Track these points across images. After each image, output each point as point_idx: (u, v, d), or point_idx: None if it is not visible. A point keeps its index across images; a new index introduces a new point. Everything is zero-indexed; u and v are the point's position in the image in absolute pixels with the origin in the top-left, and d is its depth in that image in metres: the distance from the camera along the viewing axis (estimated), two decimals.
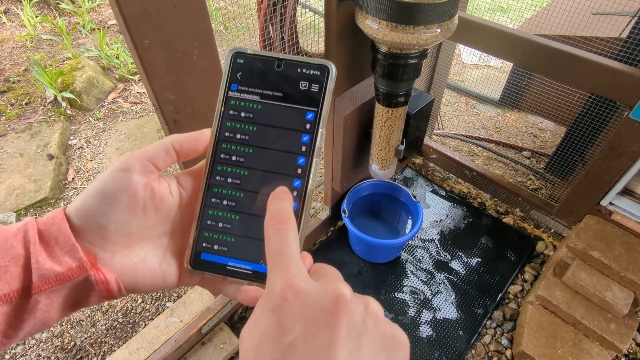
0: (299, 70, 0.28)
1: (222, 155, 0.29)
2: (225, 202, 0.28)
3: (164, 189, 0.28)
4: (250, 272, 0.28)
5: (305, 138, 0.28)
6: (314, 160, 0.27)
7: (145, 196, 0.26)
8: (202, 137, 0.28)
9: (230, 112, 0.28)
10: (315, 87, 0.28)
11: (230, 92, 0.29)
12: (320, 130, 0.28)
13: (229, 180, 0.28)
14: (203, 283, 0.30)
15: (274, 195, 0.26)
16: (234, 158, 0.28)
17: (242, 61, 0.28)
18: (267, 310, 0.21)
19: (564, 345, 1.03)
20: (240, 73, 0.28)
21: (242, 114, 0.28)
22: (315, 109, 0.28)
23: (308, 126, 0.28)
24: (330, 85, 0.28)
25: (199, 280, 0.30)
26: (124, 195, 0.26)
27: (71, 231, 0.25)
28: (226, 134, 0.28)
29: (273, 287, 0.21)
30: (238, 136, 0.28)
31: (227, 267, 0.28)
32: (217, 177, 0.29)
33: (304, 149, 0.28)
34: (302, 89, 0.28)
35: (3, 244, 0.23)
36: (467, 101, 2.06)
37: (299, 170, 0.27)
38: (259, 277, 0.28)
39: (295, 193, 0.27)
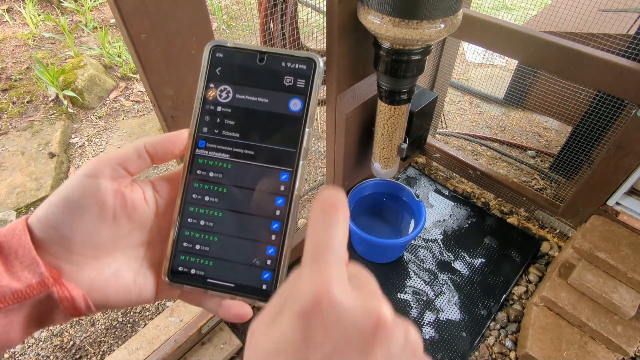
0: (283, 64, 0.25)
1: (200, 160, 0.26)
2: (205, 209, 0.26)
3: (137, 196, 0.26)
4: (233, 286, 0.26)
5: (291, 139, 0.25)
6: (300, 162, 0.25)
7: (115, 204, 0.24)
8: (179, 139, 0.26)
9: (210, 108, 0.26)
10: (301, 83, 0.25)
11: (208, 89, 0.26)
12: (307, 130, 0.25)
13: (210, 184, 0.26)
14: (183, 297, 0.28)
15: (326, 187, 0.23)
16: (213, 160, 0.26)
17: (221, 55, 0.26)
18: (294, 313, 0.18)
19: (570, 347, 1.01)
20: (219, 68, 0.26)
21: (222, 112, 0.26)
22: (302, 108, 0.25)
23: (293, 129, 0.25)
24: (317, 80, 0.25)
25: (178, 294, 0.28)
26: (91, 203, 0.23)
27: (33, 244, 0.22)
28: (205, 132, 0.26)
29: (305, 286, 0.18)
30: (218, 135, 0.26)
31: (208, 280, 0.26)
32: (196, 182, 0.26)
33: (290, 149, 0.25)
34: (287, 84, 0.25)
35: None
36: (471, 100, 2.05)
37: (284, 176, 0.25)
38: (243, 291, 0.26)
39: (280, 201, 0.25)
